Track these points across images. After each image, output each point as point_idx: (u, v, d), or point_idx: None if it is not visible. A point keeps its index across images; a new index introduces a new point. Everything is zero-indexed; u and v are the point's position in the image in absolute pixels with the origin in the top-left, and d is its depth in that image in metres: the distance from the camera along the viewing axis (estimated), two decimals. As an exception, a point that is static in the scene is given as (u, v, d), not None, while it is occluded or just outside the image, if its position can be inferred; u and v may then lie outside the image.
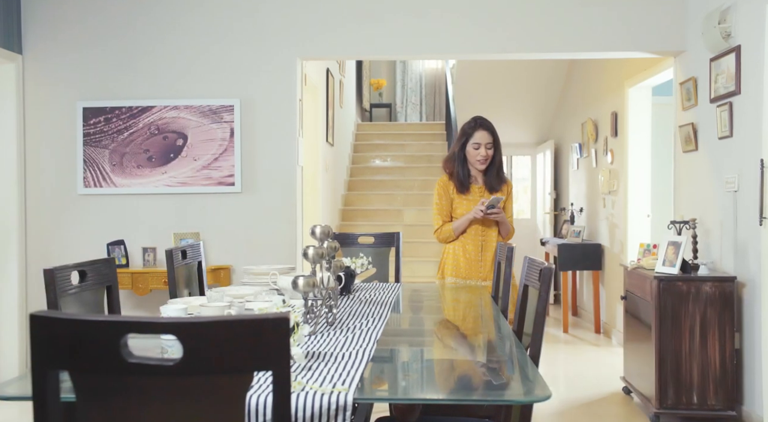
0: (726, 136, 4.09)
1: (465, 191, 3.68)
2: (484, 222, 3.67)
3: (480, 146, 3.64)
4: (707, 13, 4.24)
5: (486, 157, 3.66)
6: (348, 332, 2.13)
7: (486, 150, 3.65)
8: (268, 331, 1.10)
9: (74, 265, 2.25)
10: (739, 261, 3.99)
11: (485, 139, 3.65)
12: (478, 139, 3.65)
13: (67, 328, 1.10)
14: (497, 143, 3.69)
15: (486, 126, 3.67)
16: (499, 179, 3.72)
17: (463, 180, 3.68)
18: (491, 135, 3.66)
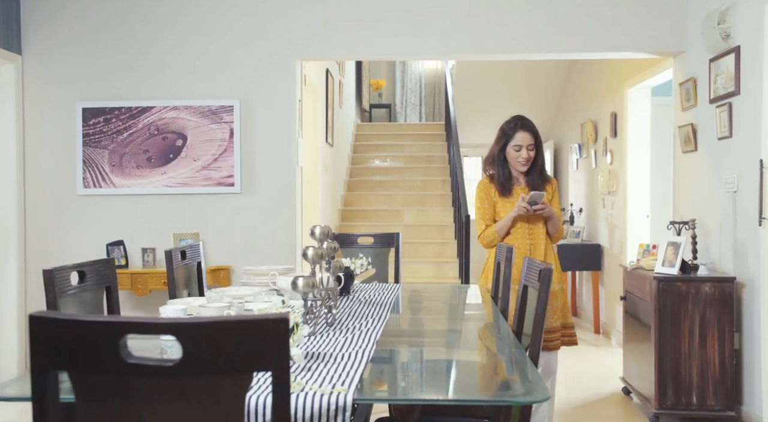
0: (725, 137, 4.09)
1: (507, 193, 3.51)
2: (530, 221, 3.46)
3: (521, 148, 3.46)
4: (706, 14, 4.24)
5: (528, 159, 3.48)
6: (347, 333, 2.13)
7: (528, 151, 3.47)
8: (267, 332, 1.10)
9: (73, 266, 2.24)
10: (738, 261, 3.99)
11: (526, 141, 3.47)
12: (519, 140, 3.47)
13: (66, 329, 1.10)
14: (539, 143, 3.52)
15: (527, 127, 3.49)
16: (542, 178, 3.55)
17: (505, 182, 3.51)
18: (533, 136, 3.49)
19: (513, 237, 3.47)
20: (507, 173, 3.54)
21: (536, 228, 3.49)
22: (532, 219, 3.46)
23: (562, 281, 3.58)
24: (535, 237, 3.48)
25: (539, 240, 3.48)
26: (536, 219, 3.48)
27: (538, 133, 3.52)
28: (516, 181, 3.56)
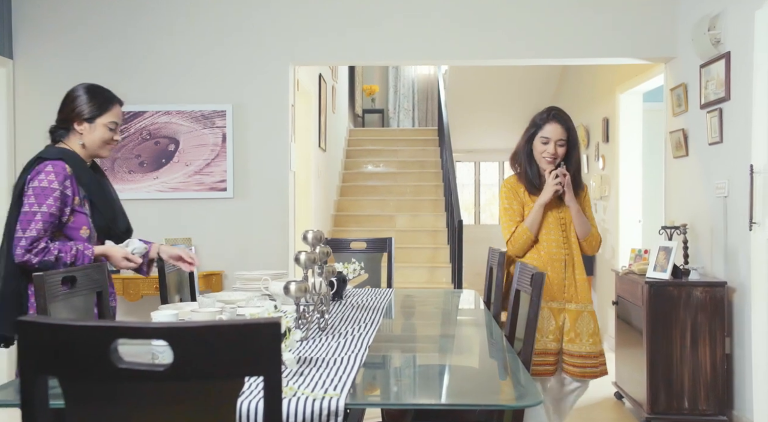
0: (716, 142, 4.12)
1: (537, 192, 3.04)
2: (566, 228, 3.03)
3: (549, 142, 3.00)
4: (697, 20, 4.27)
5: (554, 155, 3.01)
6: (340, 337, 2.13)
7: (556, 147, 3.00)
8: (259, 336, 1.09)
9: (64, 270, 2.23)
10: (729, 266, 4.01)
11: (556, 134, 3.00)
12: (548, 132, 3.02)
13: (55, 334, 1.09)
14: (573, 140, 3.03)
15: (560, 118, 3.02)
16: (576, 183, 3.06)
17: (533, 179, 3.05)
18: (565, 130, 3.01)
19: (547, 246, 3.01)
20: (535, 169, 3.07)
21: (574, 236, 3.06)
22: (568, 226, 3.04)
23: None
24: (572, 248, 3.02)
25: (577, 250, 3.04)
26: (571, 223, 3.06)
27: (572, 129, 3.05)
28: (545, 179, 3.07)
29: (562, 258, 3.00)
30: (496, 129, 9.76)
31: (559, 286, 2.99)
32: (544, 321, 2.96)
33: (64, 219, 2.40)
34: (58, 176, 2.37)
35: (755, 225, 3.63)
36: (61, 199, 2.36)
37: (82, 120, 2.48)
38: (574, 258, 3.02)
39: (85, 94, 2.51)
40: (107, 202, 2.52)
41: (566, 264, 3.00)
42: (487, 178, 10.80)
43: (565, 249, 3.01)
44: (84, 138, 2.49)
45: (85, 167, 2.48)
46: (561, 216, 3.03)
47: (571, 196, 3.00)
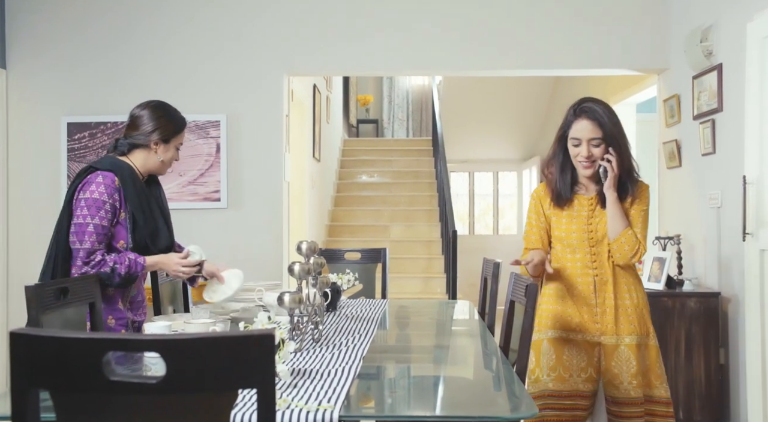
0: (709, 153, 4.13)
1: (563, 203, 2.55)
2: (595, 238, 2.51)
3: (580, 143, 2.48)
4: (689, 32, 4.30)
5: (589, 158, 2.48)
6: (334, 349, 2.12)
7: (590, 148, 2.47)
8: (252, 348, 1.09)
9: (56, 282, 2.22)
10: (723, 276, 4.02)
11: (587, 133, 2.46)
12: (577, 132, 2.49)
13: (47, 346, 1.08)
14: (612, 136, 2.46)
15: (590, 113, 2.48)
16: (622, 187, 2.51)
17: (562, 189, 2.55)
18: (599, 126, 2.46)
19: (571, 266, 2.54)
20: (568, 177, 2.56)
21: (607, 252, 2.50)
22: (600, 242, 2.51)
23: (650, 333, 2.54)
24: (603, 267, 2.50)
25: (608, 269, 2.50)
26: (604, 237, 2.50)
27: (610, 123, 2.47)
28: (583, 187, 2.58)
29: (590, 280, 2.50)
30: (490, 139, 9.79)
31: (590, 315, 2.50)
32: (573, 357, 2.49)
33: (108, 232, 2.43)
34: (108, 188, 2.40)
35: (748, 235, 3.64)
36: (111, 212, 2.40)
37: (158, 141, 2.53)
38: (608, 279, 2.49)
39: (162, 116, 2.55)
40: (150, 218, 2.52)
41: (596, 288, 2.49)
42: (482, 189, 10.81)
43: (594, 268, 2.50)
44: (157, 157, 2.55)
45: (135, 181, 2.49)
46: (590, 228, 2.51)
47: (612, 184, 2.46)
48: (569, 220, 2.54)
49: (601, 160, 2.47)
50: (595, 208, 2.52)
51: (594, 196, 2.54)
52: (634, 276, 2.55)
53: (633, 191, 2.50)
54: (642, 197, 2.50)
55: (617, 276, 2.50)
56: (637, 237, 2.45)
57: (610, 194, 2.46)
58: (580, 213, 2.53)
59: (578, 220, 2.52)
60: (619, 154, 2.46)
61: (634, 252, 2.46)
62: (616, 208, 2.46)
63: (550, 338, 2.53)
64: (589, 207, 2.53)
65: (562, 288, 2.54)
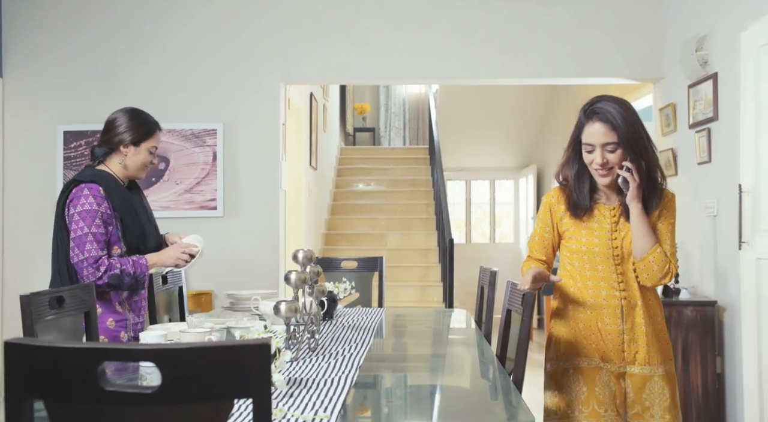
0: (705, 161, 4.14)
1: (581, 214, 2.26)
2: (621, 254, 2.22)
3: (594, 149, 2.17)
4: (685, 41, 4.32)
5: (605, 165, 2.17)
6: (330, 358, 2.12)
7: (604, 154, 2.16)
8: (248, 358, 1.08)
9: (52, 291, 2.21)
10: (719, 285, 4.02)
11: (600, 137, 2.15)
12: (589, 136, 2.18)
13: (42, 356, 1.08)
14: (629, 140, 2.14)
15: (602, 114, 2.16)
16: (651, 200, 2.22)
17: (579, 198, 2.25)
18: (613, 129, 2.14)
19: (593, 287, 2.23)
20: (586, 185, 2.26)
21: (631, 269, 2.22)
22: (626, 259, 2.21)
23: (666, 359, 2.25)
24: (631, 288, 2.21)
25: (636, 290, 2.21)
26: (630, 254, 2.22)
27: (625, 125, 2.14)
28: (603, 196, 2.28)
29: (617, 303, 2.20)
30: (486, 147, 9.80)
31: (615, 343, 2.21)
32: (597, 386, 2.21)
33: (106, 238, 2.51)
34: (96, 198, 2.48)
35: (744, 244, 3.64)
36: (103, 220, 2.48)
37: (128, 144, 2.61)
38: (636, 302, 2.20)
39: (131, 119, 2.65)
40: (136, 220, 2.60)
41: (624, 313, 2.20)
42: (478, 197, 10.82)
43: (622, 290, 2.21)
44: (127, 160, 2.62)
45: (118, 188, 2.58)
46: (615, 244, 2.20)
47: (635, 195, 2.16)
48: (590, 233, 2.22)
49: (619, 169, 2.16)
50: (619, 219, 2.21)
51: (617, 205, 2.23)
52: (657, 298, 2.29)
53: (659, 202, 2.21)
54: (669, 208, 2.23)
55: (645, 298, 2.21)
56: (667, 256, 2.16)
57: (634, 207, 2.16)
58: (602, 225, 2.22)
59: (600, 233, 2.21)
60: (641, 161, 2.16)
61: (664, 273, 2.16)
62: (641, 222, 2.15)
63: (578, 367, 2.23)
64: (611, 218, 2.22)
65: (582, 310, 2.23)
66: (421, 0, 4.81)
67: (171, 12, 4.83)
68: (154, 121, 2.72)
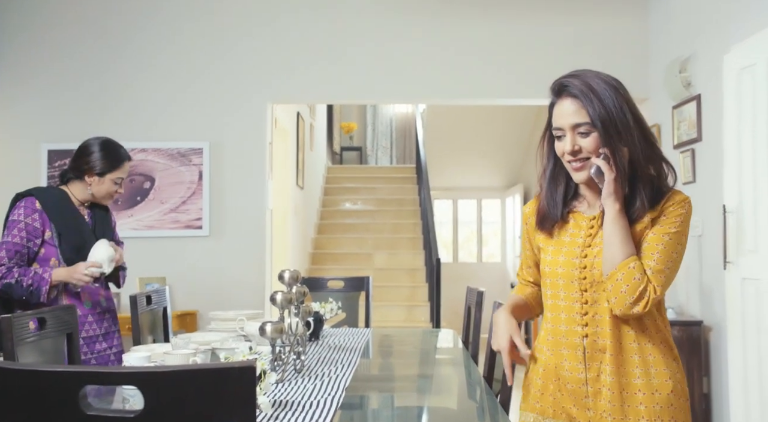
0: (689, 182, 4.18)
1: (550, 226, 1.73)
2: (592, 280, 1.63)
3: (564, 133, 1.66)
4: (668, 63, 4.37)
5: (576, 153, 1.64)
6: (316, 379, 2.09)
7: (575, 139, 1.63)
8: (233, 380, 1.07)
9: (33, 312, 2.18)
10: (705, 305, 4.03)
11: (568, 117, 1.65)
12: (557, 119, 1.70)
13: (22, 379, 1.06)
14: (605, 119, 1.60)
15: (572, 87, 1.67)
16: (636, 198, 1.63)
17: (550, 205, 1.74)
18: (584, 106, 1.62)
19: (553, 318, 1.70)
20: (560, 190, 1.75)
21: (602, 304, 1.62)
22: (594, 274, 1.63)
23: None
24: (597, 321, 1.62)
25: (606, 326, 1.60)
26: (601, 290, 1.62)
27: (597, 99, 1.61)
28: (584, 203, 1.74)
29: (577, 342, 1.64)
30: (473, 167, 9.85)
31: (578, 397, 1.64)
32: None
33: (35, 249, 2.62)
34: (26, 210, 2.62)
35: (729, 264, 3.66)
36: (27, 231, 2.60)
37: (93, 173, 2.72)
38: (605, 343, 1.60)
39: (99, 150, 2.73)
40: (75, 236, 2.68)
41: (586, 355, 1.62)
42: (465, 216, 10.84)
43: (584, 324, 1.63)
44: (92, 188, 2.74)
45: (60, 204, 2.68)
46: (583, 264, 1.64)
47: (613, 190, 1.60)
48: (557, 250, 1.70)
49: (596, 157, 1.62)
50: (597, 231, 1.65)
51: (598, 214, 1.67)
52: (657, 340, 1.61)
53: (656, 203, 1.61)
54: (672, 213, 1.60)
55: (623, 338, 1.60)
56: (645, 274, 1.56)
57: (609, 206, 1.60)
58: (575, 239, 1.68)
59: (569, 250, 1.67)
60: (621, 147, 1.60)
61: (636, 297, 1.54)
62: (616, 226, 1.59)
63: None
64: (587, 230, 1.67)
65: (545, 351, 1.71)
66: (408, 20, 4.84)
67: (157, 32, 4.83)
68: (124, 153, 2.81)
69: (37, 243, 2.61)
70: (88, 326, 2.72)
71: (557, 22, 4.79)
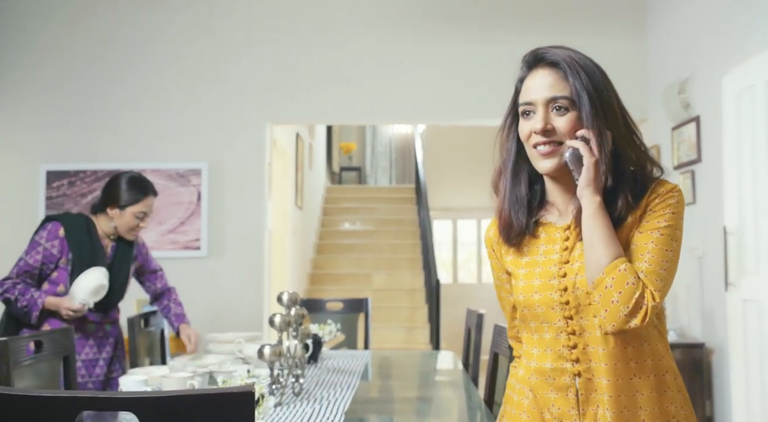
0: (690, 203, 4.17)
1: (518, 240, 1.42)
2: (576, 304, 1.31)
3: (534, 109, 1.38)
4: (667, 84, 4.38)
5: (547, 133, 1.34)
6: (315, 403, 2.07)
7: (548, 115, 1.35)
8: (231, 405, 1.05)
9: (30, 335, 2.16)
10: (706, 327, 4.01)
11: (544, 89, 1.36)
12: (527, 92, 1.41)
13: (18, 405, 1.04)
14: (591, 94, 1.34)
15: (552, 56, 1.39)
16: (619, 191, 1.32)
17: (513, 213, 1.42)
18: (566, 77, 1.35)
19: (538, 356, 1.37)
20: (523, 191, 1.43)
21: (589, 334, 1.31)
22: (578, 295, 1.31)
23: None
24: (589, 354, 1.31)
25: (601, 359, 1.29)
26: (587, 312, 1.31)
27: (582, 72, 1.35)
28: (554, 211, 1.42)
29: (567, 382, 1.33)
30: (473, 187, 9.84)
31: None
32: None
33: (48, 271, 2.71)
34: (49, 234, 2.71)
35: (731, 285, 3.65)
36: (44, 255, 2.69)
37: (115, 206, 2.79)
38: (601, 380, 1.29)
39: (125, 183, 2.79)
40: (88, 266, 2.71)
41: (581, 398, 1.31)
42: (465, 236, 10.82)
43: (574, 360, 1.32)
44: (115, 221, 2.80)
45: (83, 234, 2.75)
46: (563, 285, 1.33)
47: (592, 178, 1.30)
48: (529, 272, 1.38)
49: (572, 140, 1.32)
50: (575, 243, 1.35)
51: (572, 220, 1.35)
52: (662, 370, 1.31)
53: (642, 194, 1.32)
54: (659, 206, 1.30)
55: (623, 373, 1.28)
56: (638, 278, 1.25)
57: (587, 199, 1.29)
58: (549, 256, 1.37)
59: (543, 269, 1.36)
60: (605, 131, 1.33)
61: (633, 305, 1.23)
62: (598, 222, 1.28)
63: None
64: (562, 242, 1.37)
65: (526, 395, 1.40)
66: (407, 42, 4.87)
67: (156, 53, 4.85)
68: (148, 189, 2.84)
69: (51, 268, 2.71)
70: (89, 349, 2.75)
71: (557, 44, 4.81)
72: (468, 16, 4.86)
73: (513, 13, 4.85)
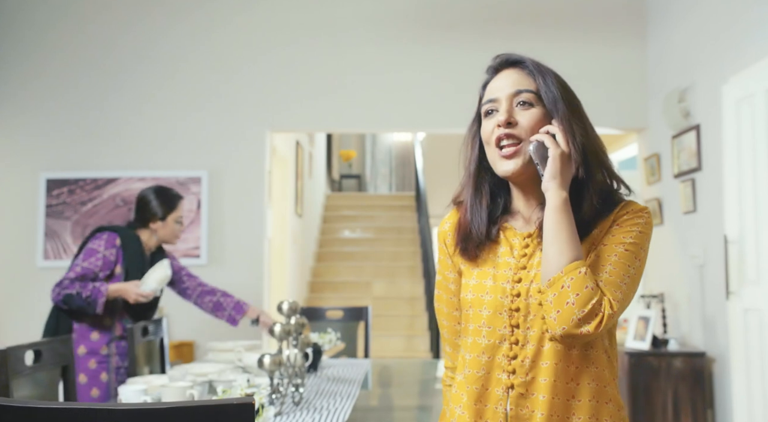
0: (690, 211, 4.17)
1: (474, 249, 1.34)
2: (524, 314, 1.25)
3: (497, 106, 1.33)
4: (667, 93, 4.39)
5: (510, 125, 1.30)
6: (315, 412, 2.06)
7: (512, 109, 1.31)
8: (231, 417, 1.04)
9: (29, 344, 2.15)
10: (708, 335, 4.00)
11: (509, 85, 1.33)
12: (491, 90, 1.37)
13: (15, 416, 1.03)
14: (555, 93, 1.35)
15: (518, 59, 1.38)
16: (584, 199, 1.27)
17: (473, 219, 1.36)
18: (530, 74, 1.35)
19: (472, 362, 1.29)
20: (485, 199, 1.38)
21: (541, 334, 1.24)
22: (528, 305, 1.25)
23: None
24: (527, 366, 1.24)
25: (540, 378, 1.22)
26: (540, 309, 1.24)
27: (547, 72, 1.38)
28: (518, 217, 1.36)
29: (499, 394, 1.25)
30: (472, 195, 9.84)
31: None
32: None
33: (102, 276, 2.86)
34: (106, 243, 2.88)
35: (732, 294, 3.64)
36: (103, 261, 2.85)
37: (156, 219, 3.00)
38: (538, 396, 1.22)
39: (156, 198, 3.00)
40: (138, 277, 2.92)
41: (509, 413, 1.24)
42: (464, 244, 10.82)
43: (511, 371, 1.25)
44: (158, 233, 3.01)
45: (136, 248, 2.95)
46: (515, 290, 1.27)
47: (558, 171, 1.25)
48: (482, 273, 1.32)
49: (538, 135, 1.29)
50: (534, 251, 1.29)
51: (535, 230, 1.31)
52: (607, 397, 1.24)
53: (608, 212, 1.28)
54: (627, 222, 1.26)
55: (557, 388, 1.22)
56: (597, 286, 1.18)
57: (552, 191, 1.24)
58: (505, 258, 1.31)
59: (497, 273, 1.30)
60: (574, 129, 1.30)
61: (588, 310, 1.16)
62: (562, 218, 1.22)
63: None
64: (521, 249, 1.31)
65: (460, 410, 1.31)
66: (407, 50, 4.87)
67: (156, 60, 4.85)
68: (176, 194, 3.07)
69: (106, 274, 2.87)
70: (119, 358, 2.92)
71: (556, 54, 4.81)
72: (467, 25, 4.87)
73: (513, 21, 4.86)
